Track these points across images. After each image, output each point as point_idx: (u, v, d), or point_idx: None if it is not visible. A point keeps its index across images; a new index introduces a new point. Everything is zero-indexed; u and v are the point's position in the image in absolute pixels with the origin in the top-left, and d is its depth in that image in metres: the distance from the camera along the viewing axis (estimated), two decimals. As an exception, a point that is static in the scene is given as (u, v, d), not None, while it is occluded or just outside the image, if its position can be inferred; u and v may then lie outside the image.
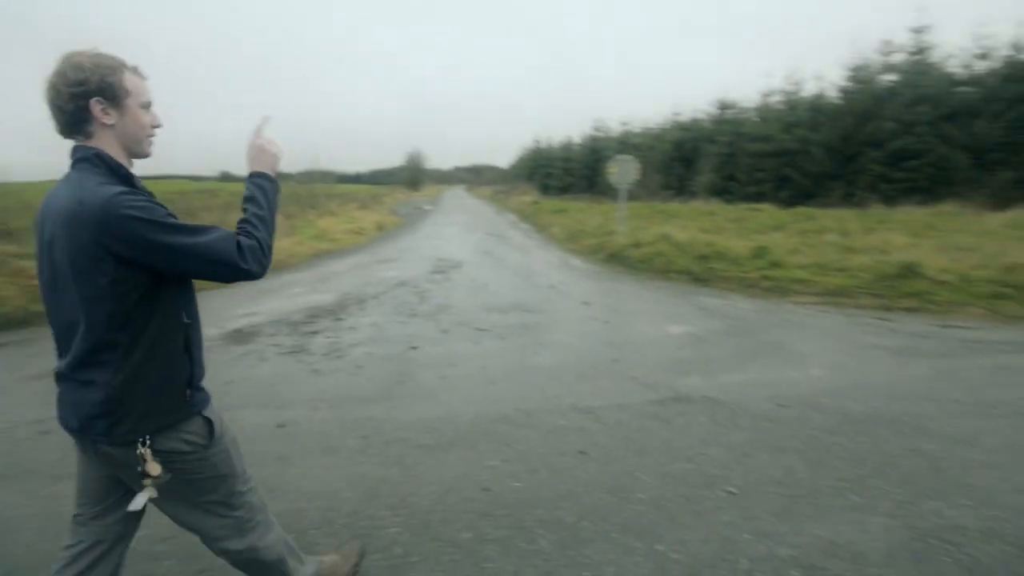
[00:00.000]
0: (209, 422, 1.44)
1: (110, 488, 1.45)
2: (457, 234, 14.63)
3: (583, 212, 17.82)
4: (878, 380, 3.96)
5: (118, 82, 1.29)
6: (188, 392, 1.40)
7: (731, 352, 4.67)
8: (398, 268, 9.29)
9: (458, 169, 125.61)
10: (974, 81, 15.98)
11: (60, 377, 1.35)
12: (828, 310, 6.06)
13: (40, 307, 1.48)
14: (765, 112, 21.21)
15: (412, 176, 61.76)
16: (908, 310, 5.90)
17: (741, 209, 16.57)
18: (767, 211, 15.42)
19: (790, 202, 16.93)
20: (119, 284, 1.23)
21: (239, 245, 1.30)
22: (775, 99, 21.21)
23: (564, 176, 34.05)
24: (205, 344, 1.55)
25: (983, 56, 16.26)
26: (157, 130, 1.41)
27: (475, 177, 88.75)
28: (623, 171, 11.09)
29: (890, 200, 14.81)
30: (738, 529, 2.32)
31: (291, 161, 25.86)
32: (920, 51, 16.54)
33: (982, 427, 3.19)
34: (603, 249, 10.11)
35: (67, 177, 1.30)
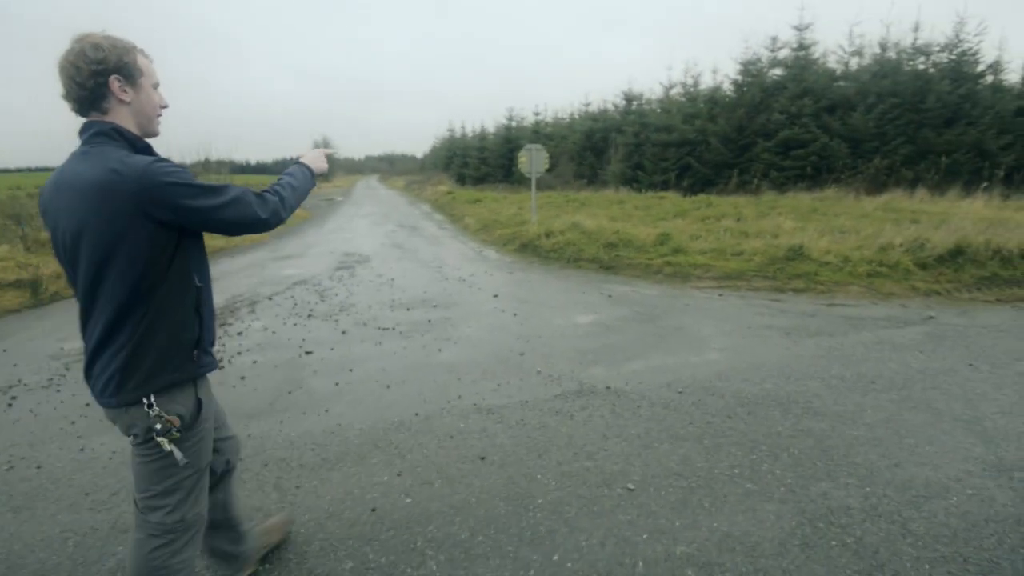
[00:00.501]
0: (200, 402, 1.51)
1: None
2: (367, 227, 14.01)
3: (498, 202, 17.70)
4: (771, 360, 4.11)
5: (133, 61, 1.36)
6: (195, 352, 1.48)
7: (635, 339, 4.68)
8: (299, 265, 8.68)
9: (371, 159, 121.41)
10: (849, 76, 17.46)
11: (96, 348, 1.38)
12: (726, 293, 6.29)
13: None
14: (667, 104, 22.06)
15: (322, 165, 58.46)
16: (797, 291, 6.24)
17: (648, 197, 17.15)
18: (671, 199, 16.05)
19: (692, 190, 17.75)
20: (154, 247, 1.32)
21: (262, 197, 1.47)
22: (676, 91, 22.15)
23: (480, 166, 33.73)
24: (67, 356, 1.28)
25: (857, 53, 17.82)
26: (164, 110, 1.47)
27: (389, 167, 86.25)
28: (532, 160, 11.02)
29: (780, 187, 15.91)
30: (636, 528, 2.24)
31: (182, 152, 23.72)
32: (803, 48, 17.81)
33: (864, 403, 3.36)
34: (516, 239, 10.01)
35: (83, 152, 1.33)
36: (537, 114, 33.30)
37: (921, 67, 16.14)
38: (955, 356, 4.11)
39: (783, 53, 18.07)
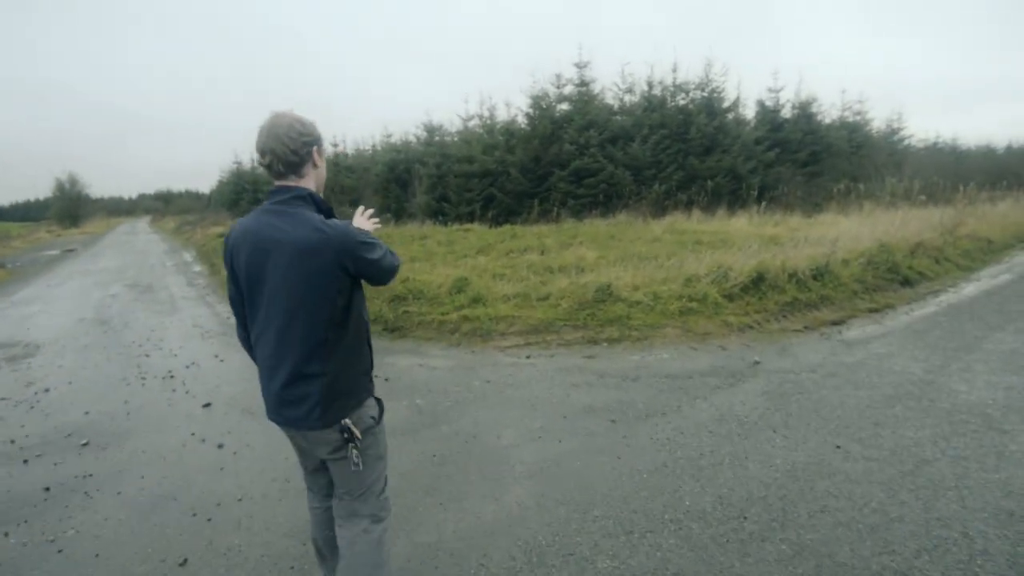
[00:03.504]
0: (380, 402, 1.80)
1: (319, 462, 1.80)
2: (79, 291, 10.33)
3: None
4: (600, 486, 2.78)
5: (321, 136, 1.67)
6: (369, 376, 1.76)
7: (405, 482, 3.04)
8: None
9: (145, 197, 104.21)
10: (625, 111, 18.65)
11: (288, 381, 1.59)
12: (534, 354, 5.05)
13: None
14: (467, 135, 21.58)
15: (65, 208, 47.26)
16: (611, 341, 5.27)
17: (453, 231, 16.05)
18: (476, 231, 15.13)
19: (497, 220, 17.16)
20: (342, 293, 1.58)
21: (394, 254, 1.76)
22: (474, 123, 21.82)
23: (269, 202, 29.85)
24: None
25: (629, 90, 19.15)
26: None
27: (165, 206, 74.17)
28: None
29: (577, 214, 16.04)
30: None
31: None
32: (584, 83, 18.60)
33: (747, 569, 2.13)
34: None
35: (279, 212, 1.57)
36: (335, 145, 30.80)
37: (682, 102, 17.81)
38: (814, 435, 3.24)
39: (568, 89, 18.65)
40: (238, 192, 35.71)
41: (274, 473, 3.05)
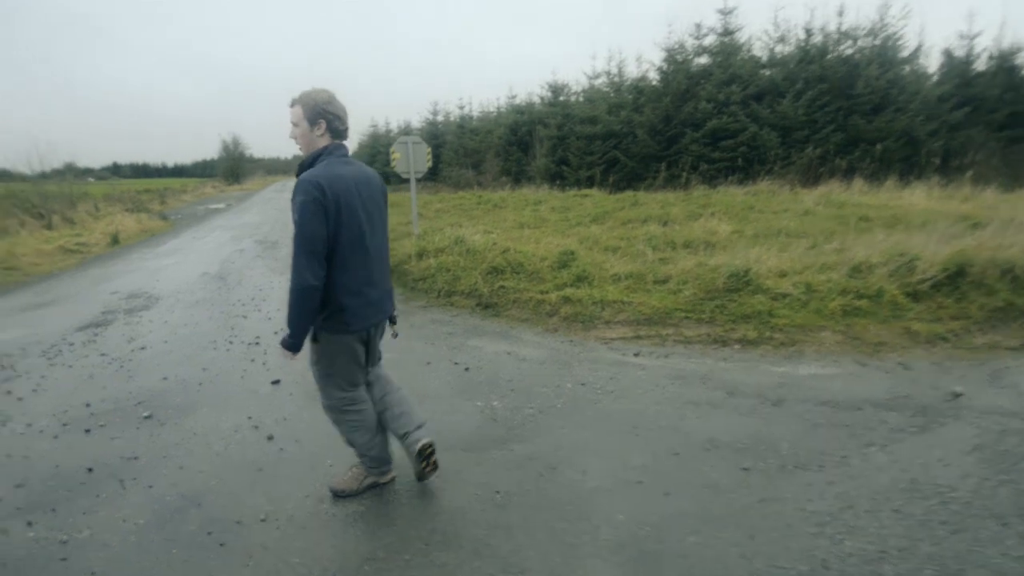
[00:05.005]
0: None
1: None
2: (215, 245, 11.10)
3: (396, 207, 15.17)
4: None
5: None
6: None
7: (459, 510, 2.38)
8: (31, 323, 5.86)
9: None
10: (776, 63, 16.09)
11: (389, 284, 2.37)
12: (644, 351, 4.14)
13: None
14: (592, 93, 20.22)
15: (230, 167, 53.34)
16: (746, 343, 4.18)
17: (570, 196, 15.13)
18: (594, 197, 14.09)
19: (618, 186, 15.89)
20: None
21: None
22: (601, 81, 20.35)
23: (403, 164, 30.89)
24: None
25: (781, 39, 16.47)
26: None
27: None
28: (410, 156, 8.61)
29: (711, 180, 14.23)
30: None
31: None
32: (728, 33, 16.30)
33: None
34: (384, 261, 7.57)
35: (350, 161, 2.21)
36: (462, 107, 30.94)
37: (848, 52, 14.89)
38: (1073, 533, 2.06)
39: (708, 40, 16.50)
40: (373, 154, 37.46)
41: (311, 486, 2.56)
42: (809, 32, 15.78)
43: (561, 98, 22.38)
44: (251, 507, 2.42)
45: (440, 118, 32.47)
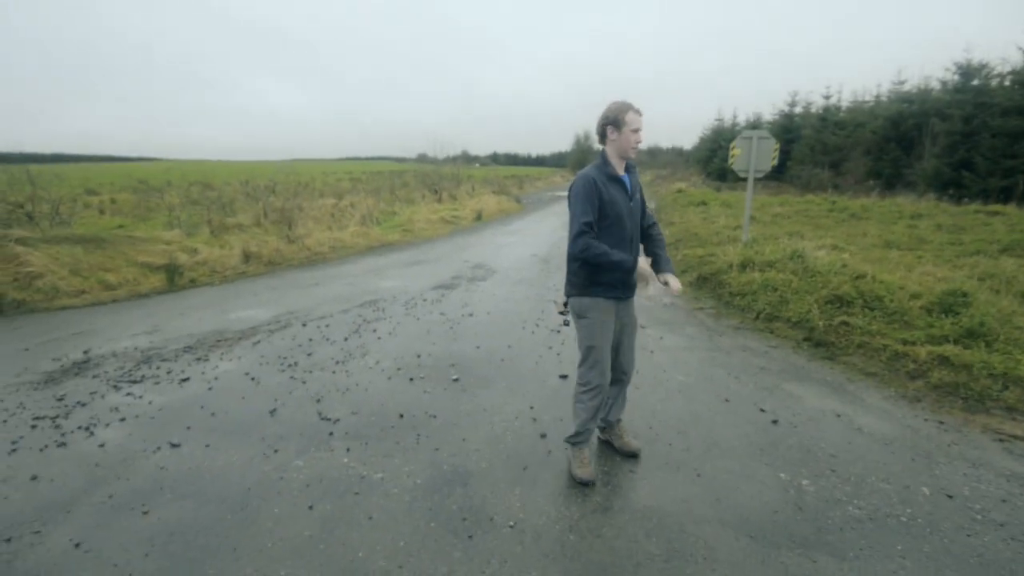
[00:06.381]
0: None
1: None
2: (548, 231, 12.21)
3: (729, 208, 14.10)
4: None
5: (622, 117, 2.44)
6: None
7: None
8: (409, 276, 7.38)
9: (635, 151, 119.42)
10: None
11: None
12: (1088, 478, 2.59)
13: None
14: (1027, 75, 14.62)
15: (579, 159, 59.38)
16: None
17: (968, 211, 11.36)
18: (1008, 216, 10.22)
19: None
20: None
21: None
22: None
23: (745, 160, 28.73)
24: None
25: None
26: (639, 144, 2.49)
27: (651, 159, 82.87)
28: (753, 152, 7.61)
29: None
30: None
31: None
32: None
33: None
34: (700, 266, 6.98)
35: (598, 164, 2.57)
36: (827, 97, 26.84)
37: None
38: None
39: None
40: (713, 150, 35.81)
41: (562, 506, 2.37)
42: None
43: (975, 82, 16.86)
44: (505, 508, 2.38)
45: (798, 109, 28.77)
